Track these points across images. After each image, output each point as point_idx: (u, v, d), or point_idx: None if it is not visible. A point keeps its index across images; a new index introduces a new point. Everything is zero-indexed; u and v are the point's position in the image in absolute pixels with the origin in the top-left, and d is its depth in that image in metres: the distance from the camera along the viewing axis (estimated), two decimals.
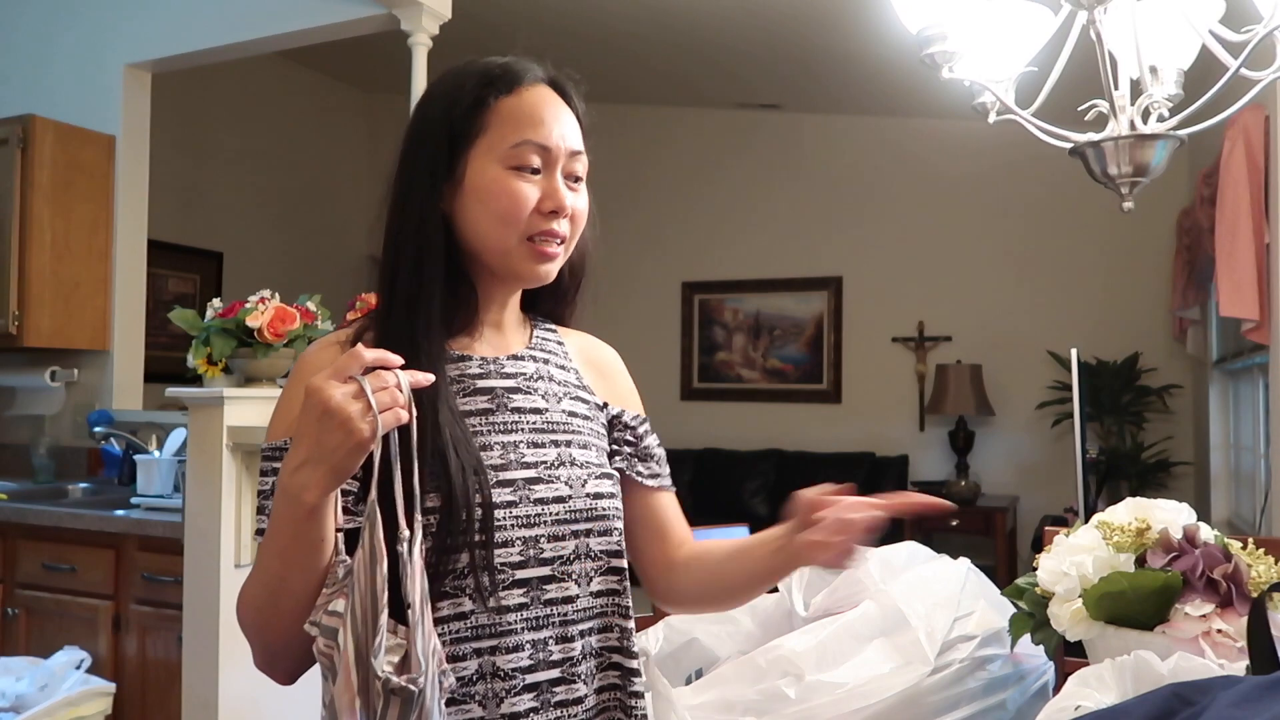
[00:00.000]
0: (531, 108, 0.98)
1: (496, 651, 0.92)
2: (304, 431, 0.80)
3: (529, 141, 0.96)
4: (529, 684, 0.93)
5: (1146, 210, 3.53)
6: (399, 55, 3.25)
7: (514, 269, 0.99)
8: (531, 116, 0.97)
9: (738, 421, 6.00)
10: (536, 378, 1.03)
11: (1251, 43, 1.30)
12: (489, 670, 0.91)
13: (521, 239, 0.96)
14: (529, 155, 0.96)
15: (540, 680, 0.93)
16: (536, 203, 0.96)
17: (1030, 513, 5.21)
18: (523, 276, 1.00)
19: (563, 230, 0.98)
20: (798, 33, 4.38)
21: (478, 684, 0.91)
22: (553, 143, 0.97)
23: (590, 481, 0.99)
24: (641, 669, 1.03)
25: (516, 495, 0.94)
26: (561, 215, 0.97)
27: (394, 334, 0.95)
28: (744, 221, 6.03)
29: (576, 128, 1.01)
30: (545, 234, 0.97)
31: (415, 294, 0.96)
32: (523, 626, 0.93)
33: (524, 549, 0.93)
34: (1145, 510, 1.29)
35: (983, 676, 1.46)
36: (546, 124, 0.97)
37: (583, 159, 1.01)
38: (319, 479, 0.79)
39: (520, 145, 0.96)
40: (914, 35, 1.41)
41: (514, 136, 0.96)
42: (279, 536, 0.84)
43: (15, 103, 3.63)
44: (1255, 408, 3.67)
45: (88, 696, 2.49)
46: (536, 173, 0.97)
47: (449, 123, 0.98)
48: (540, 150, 0.97)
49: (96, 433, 3.21)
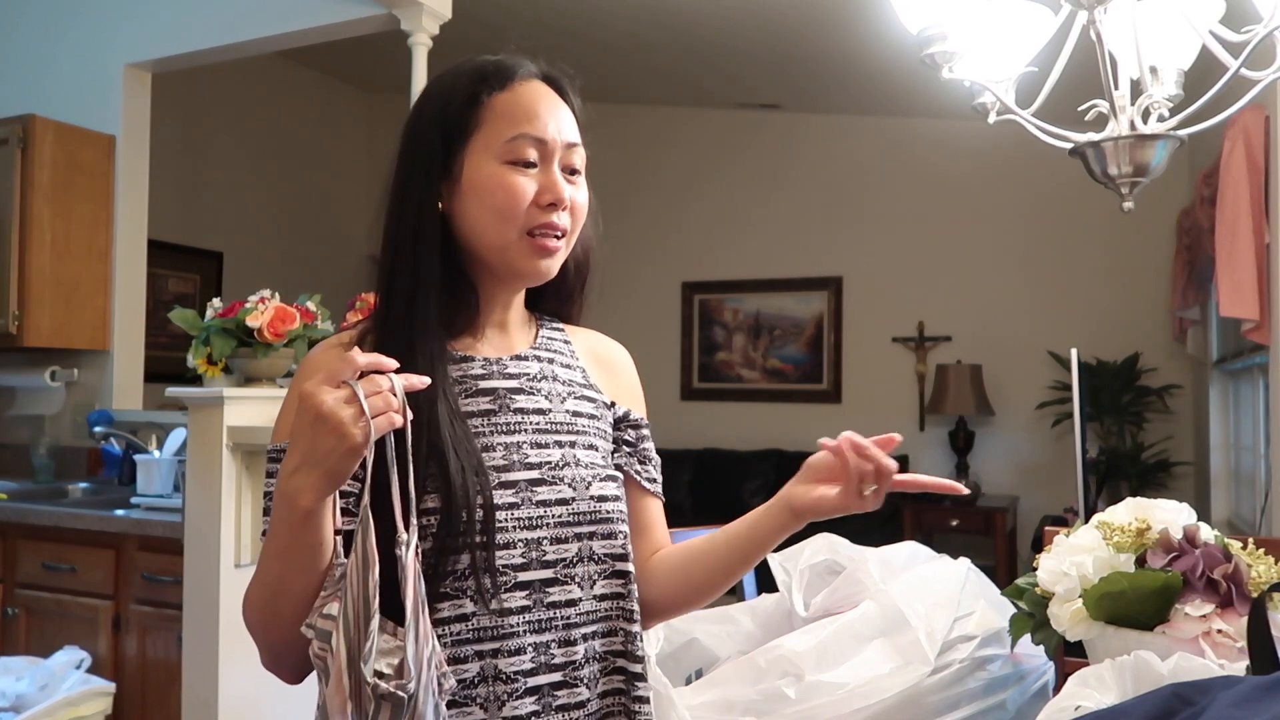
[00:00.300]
0: (526, 102, 0.97)
1: (498, 654, 0.91)
2: (298, 436, 0.80)
3: (524, 135, 0.96)
4: (531, 687, 0.92)
5: (1146, 210, 3.53)
6: (399, 55, 3.25)
7: (514, 265, 0.98)
8: (526, 111, 0.97)
9: (738, 421, 6.00)
10: (540, 378, 1.02)
11: (1251, 43, 1.30)
12: (490, 673, 0.91)
13: (521, 234, 0.96)
14: (525, 149, 0.96)
15: (542, 683, 0.93)
16: (534, 196, 0.96)
17: (1030, 513, 5.21)
18: (523, 273, 0.99)
19: (563, 223, 0.97)
20: (798, 33, 4.38)
21: (479, 686, 0.91)
22: (548, 135, 0.97)
23: (595, 484, 0.98)
24: (647, 673, 1.02)
25: (519, 497, 0.93)
26: (560, 208, 0.97)
27: (392, 335, 0.95)
28: (744, 221, 6.03)
29: (572, 121, 1.01)
30: (544, 227, 0.96)
31: (412, 295, 0.96)
32: (525, 629, 0.92)
33: (526, 551, 0.93)
34: (1145, 510, 1.29)
35: (983, 676, 1.46)
36: (541, 117, 0.97)
37: (580, 151, 1.01)
38: (313, 483, 0.80)
39: (515, 139, 0.96)
40: (914, 35, 1.41)
41: (509, 131, 0.96)
42: (277, 539, 0.84)
43: (15, 103, 3.63)
44: (1255, 408, 3.67)
45: (88, 696, 2.49)
46: (533, 166, 0.97)
47: (444, 121, 0.98)
48: (536, 143, 0.97)
49: (96, 433, 3.21)
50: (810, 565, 1.72)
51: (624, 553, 1.00)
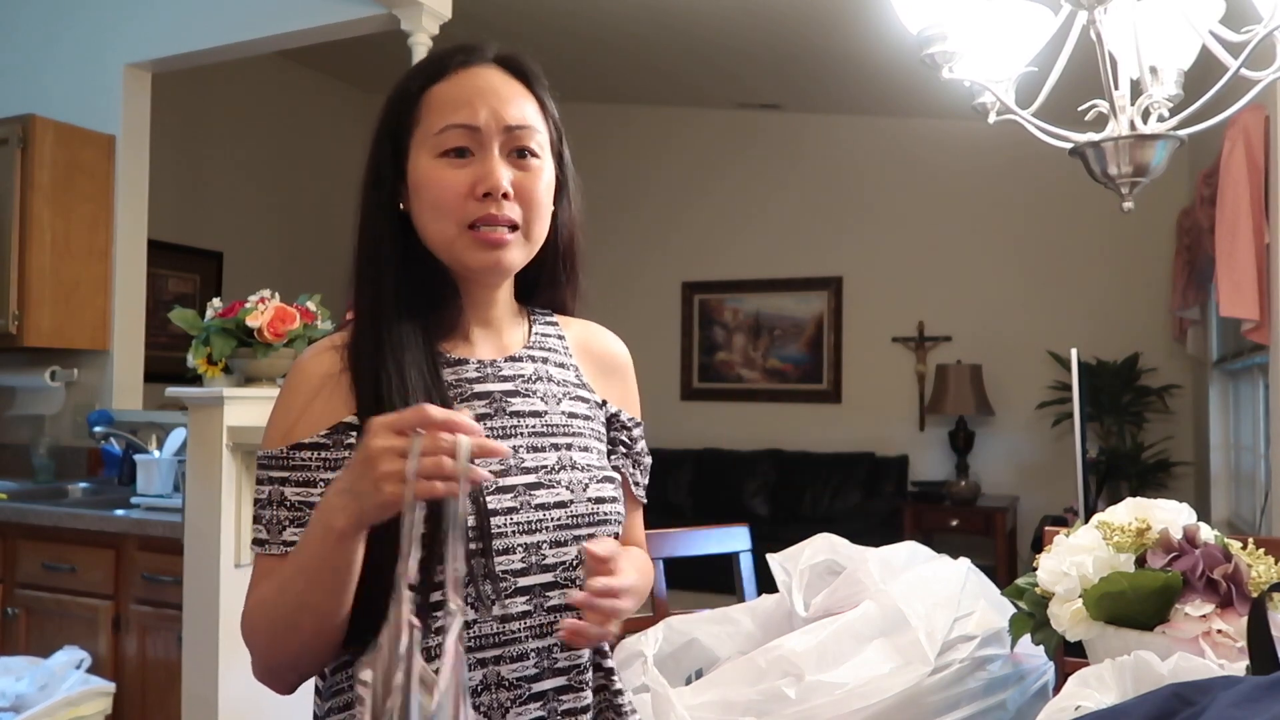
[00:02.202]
0: (458, 91, 0.93)
1: (501, 661, 0.90)
2: (354, 461, 0.78)
3: (451, 125, 0.92)
4: (535, 693, 0.91)
5: (1146, 210, 3.53)
6: (399, 55, 3.25)
7: (463, 261, 0.93)
8: (456, 100, 0.93)
9: (738, 421, 6.00)
10: (535, 379, 0.99)
11: (1251, 43, 1.30)
12: (494, 680, 0.89)
13: (460, 228, 0.92)
14: (455, 139, 0.92)
15: (546, 689, 0.92)
16: (469, 188, 0.91)
17: (1030, 513, 5.21)
18: (473, 268, 0.94)
19: (507, 213, 0.92)
20: (798, 33, 4.38)
21: (483, 695, 0.89)
22: (480, 121, 0.92)
23: (592, 485, 0.97)
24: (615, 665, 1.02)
25: (517, 501, 0.91)
26: (496, 196, 0.91)
27: (363, 344, 0.92)
28: (744, 221, 6.03)
29: (523, 101, 0.95)
30: (485, 220, 0.91)
31: (375, 300, 0.93)
32: (527, 634, 0.91)
33: (525, 556, 0.91)
34: (1145, 510, 1.29)
35: (983, 677, 1.46)
36: (472, 104, 0.93)
37: (532, 131, 0.95)
38: (350, 513, 0.78)
39: (444, 131, 0.92)
40: (914, 35, 1.41)
41: (439, 123, 0.93)
42: (306, 551, 0.83)
43: (15, 103, 3.63)
44: (1255, 408, 3.67)
45: (88, 696, 2.49)
46: (464, 155, 0.92)
47: (392, 120, 0.96)
48: (467, 131, 0.92)
49: (96, 433, 3.21)
50: (810, 565, 1.72)
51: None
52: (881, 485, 5.46)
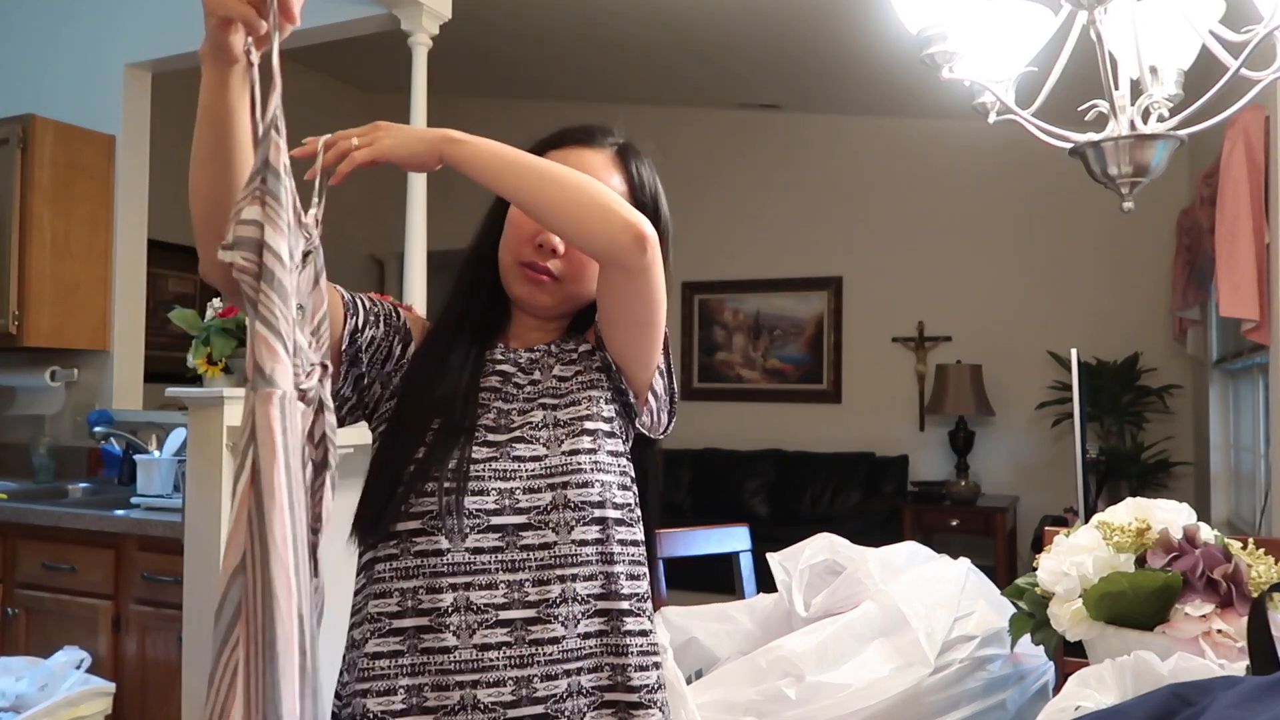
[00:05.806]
0: (563, 158, 1.11)
1: (471, 588, 1.00)
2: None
3: None
4: (503, 620, 1.00)
5: (1146, 210, 3.53)
6: (399, 55, 3.25)
7: (510, 287, 1.14)
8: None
9: (738, 421, 6.00)
10: (544, 356, 1.15)
11: (1251, 43, 1.30)
12: (463, 604, 1.00)
13: (515, 262, 1.12)
14: None
15: (515, 618, 1.00)
16: (532, 236, 1.11)
17: (1030, 513, 5.21)
18: (516, 296, 1.15)
19: (548, 264, 1.11)
20: (798, 33, 4.38)
21: (452, 615, 1.00)
22: None
23: (568, 440, 1.07)
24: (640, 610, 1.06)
25: (499, 452, 1.05)
26: (547, 250, 1.10)
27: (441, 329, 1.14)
28: (744, 221, 6.03)
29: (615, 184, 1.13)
30: (530, 263, 1.11)
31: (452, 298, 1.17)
32: (497, 568, 1.01)
33: (499, 499, 1.03)
34: (1145, 510, 1.29)
35: (983, 677, 1.46)
36: None
37: None
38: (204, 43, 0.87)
39: None
40: (914, 35, 1.41)
41: None
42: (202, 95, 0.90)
43: (15, 103, 3.63)
44: (1255, 408, 3.67)
45: (88, 696, 2.49)
46: None
47: None
48: None
49: (96, 433, 3.21)
50: (810, 565, 1.72)
51: (600, 500, 1.06)
52: (881, 485, 5.46)
